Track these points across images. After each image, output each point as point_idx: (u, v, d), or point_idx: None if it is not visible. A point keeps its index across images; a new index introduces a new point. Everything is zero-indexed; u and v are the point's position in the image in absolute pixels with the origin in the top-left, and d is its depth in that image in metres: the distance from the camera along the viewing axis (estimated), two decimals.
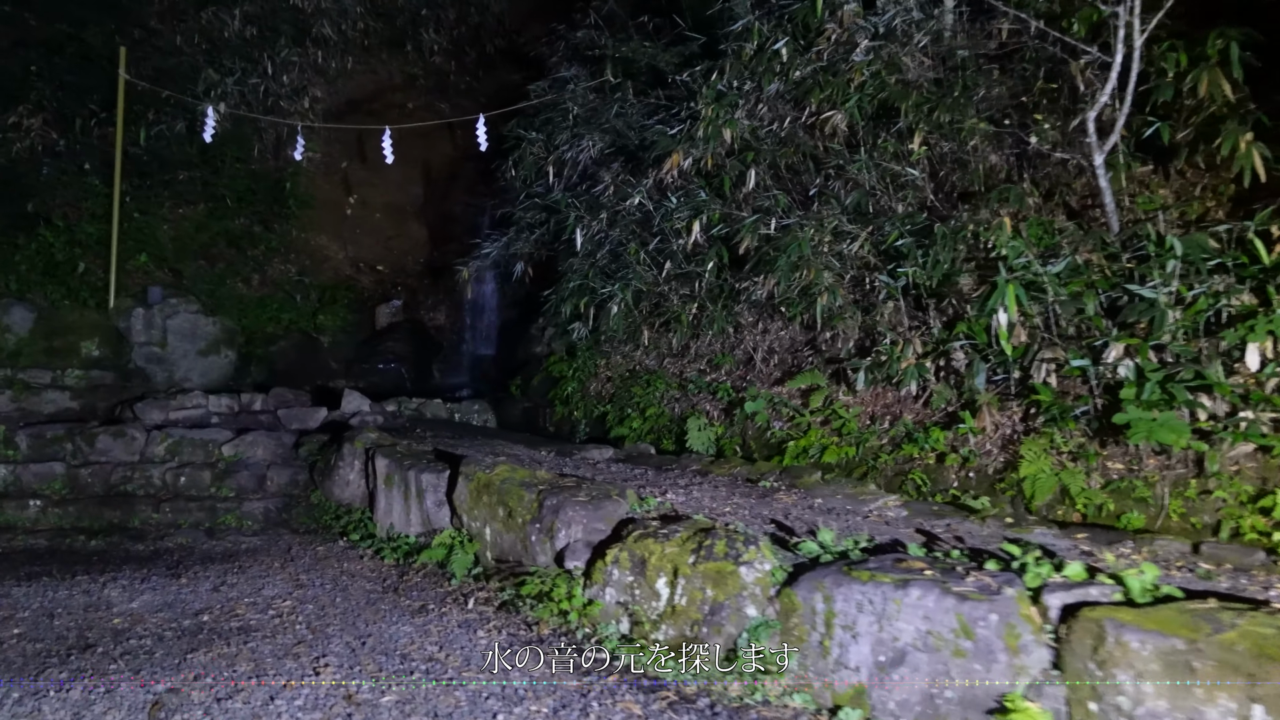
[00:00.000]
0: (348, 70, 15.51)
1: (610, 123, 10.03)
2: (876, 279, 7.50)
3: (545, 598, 4.65)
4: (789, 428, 7.80)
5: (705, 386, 8.79)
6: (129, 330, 10.89)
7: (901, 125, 7.47)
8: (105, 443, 7.82)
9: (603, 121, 10.13)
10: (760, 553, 4.09)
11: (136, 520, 7.12)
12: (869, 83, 7.51)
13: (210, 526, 7.05)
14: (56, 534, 6.84)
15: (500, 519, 5.41)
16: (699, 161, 8.30)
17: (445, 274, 14.03)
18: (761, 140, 8.18)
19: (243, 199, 13.09)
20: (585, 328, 10.04)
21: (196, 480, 7.51)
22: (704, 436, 8.23)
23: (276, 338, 12.07)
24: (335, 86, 15.40)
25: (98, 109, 12.87)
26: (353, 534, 6.58)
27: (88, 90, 13.05)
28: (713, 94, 8.12)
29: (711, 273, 8.18)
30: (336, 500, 7.12)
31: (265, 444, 7.87)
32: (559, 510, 4.99)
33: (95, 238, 11.80)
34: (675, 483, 6.14)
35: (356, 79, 15.82)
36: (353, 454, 7.04)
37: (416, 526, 6.23)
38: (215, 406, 9.27)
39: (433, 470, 6.14)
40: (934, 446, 6.70)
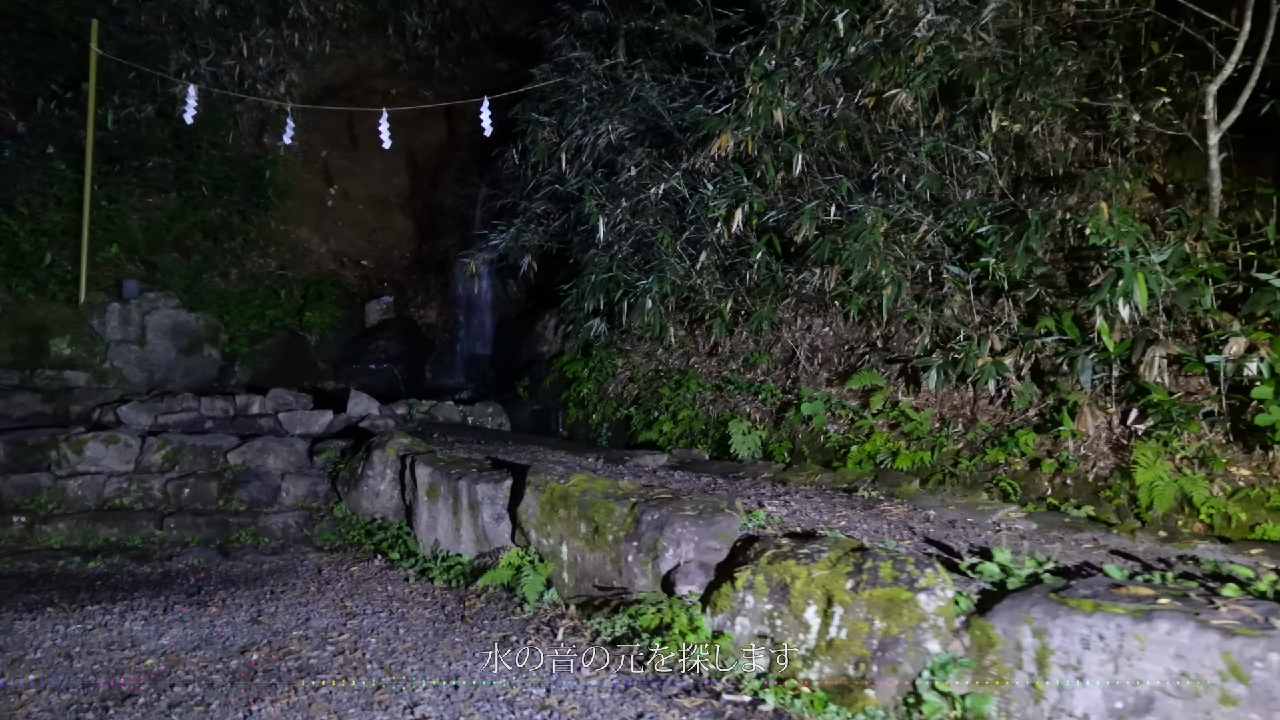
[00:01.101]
0: (325, 54, 14.69)
1: (629, 105, 9.39)
2: (945, 270, 6.99)
3: (663, 629, 4.02)
4: (848, 431, 7.25)
5: (746, 387, 8.20)
6: (103, 327, 10.02)
7: (971, 105, 6.97)
8: (95, 450, 7.01)
9: (621, 104, 9.49)
10: (940, 577, 3.51)
11: (137, 538, 6.34)
12: (935, 59, 6.99)
13: (223, 544, 6.29)
14: (47, 555, 6.05)
15: (582, 536, 4.77)
16: (739, 145, 7.71)
17: (435, 269, 13.32)
18: (812, 122, 7.63)
19: (220, 188, 12.23)
20: (604, 324, 9.41)
21: (202, 492, 6.74)
22: (749, 441, 7.65)
23: (262, 336, 11.25)
24: (312, 71, 14.58)
25: (60, 89, 11.95)
26: (391, 552, 5.88)
27: (49, 68, 12.12)
28: (760, 71, 7.54)
29: (761, 264, 7.59)
30: (365, 514, 6.41)
31: (276, 451, 7.12)
32: (664, 526, 4.37)
33: (62, 227, 10.90)
34: (760, 493, 5.55)
35: (335, 63, 15.00)
36: (384, 462, 6.33)
37: (469, 544, 5.56)
38: (209, 410, 8.47)
39: (488, 480, 5.48)
40: (1023, 451, 6.18)
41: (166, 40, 12.80)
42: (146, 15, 12.72)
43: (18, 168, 11.16)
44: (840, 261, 6.77)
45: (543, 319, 11.02)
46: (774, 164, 7.78)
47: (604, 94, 9.84)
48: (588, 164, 9.66)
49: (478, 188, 13.59)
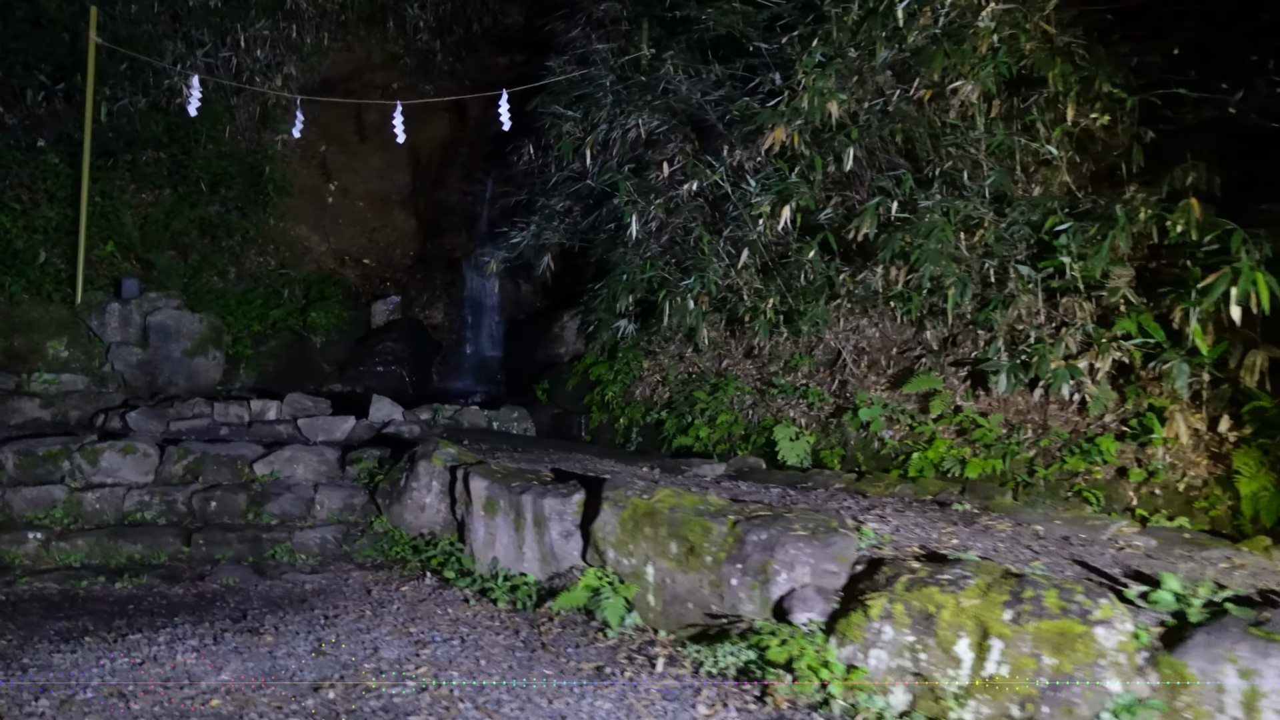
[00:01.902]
0: (323, 47, 14.19)
1: (659, 98, 9.03)
2: (1013, 269, 6.69)
3: (790, 662, 3.66)
4: (906, 437, 6.94)
5: (790, 391, 7.87)
6: (103, 329, 9.53)
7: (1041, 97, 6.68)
8: (112, 460, 6.56)
9: (651, 98, 9.13)
10: (1117, 608, 3.18)
11: (163, 555, 5.90)
12: (1002, 49, 6.69)
13: (257, 562, 5.87)
14: (67, 575, 5.59)
15: (672, 556, 4.41)
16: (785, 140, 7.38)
17: (441, 268, 12.89)
18: (867, 114, 7.31)
19: (219, 184, 11.73)
20: (631, 325, 9.05)
21: (229, 505, 6.30)
22: (797, 447, 7.32)
23: (266, 337, 10.78)
24: (310, 64, 14.07)
25: (49, 79, 11.41)
26: (445, 570, 5.48)
27: (38, 58, 11.58)
28: (812, 62, 7.20)
29: (816, 262, 7.25)
30: (409, 528, 6.00)
31: (306, 461, 6.69)
32: (774, 547, 4.01)
33: (54, 223, 10.39)
34: (843, 506, 5.21)
35: (332, 57, 14.51)
36: (430, 473, 5.93)
37: (533, 563, 5.18)
38: (222, 416, 8.01)
39: (556, 495, 5.10)
40: (1105, 458, 5.89)
41: (160, 31, 12.27)
42: (138, 4, 12.18)
43: (8, 161, 10.63)
44: (911, 261, 6.44)
45: (560, 320, 10.63)
46: (822, 159, 7.45)
47: (630, 86, 9.49)
48: (614, 159, 9.30)
49: (484, 184, 13.17)
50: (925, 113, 7.23)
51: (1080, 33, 6.69)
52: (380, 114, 14.28)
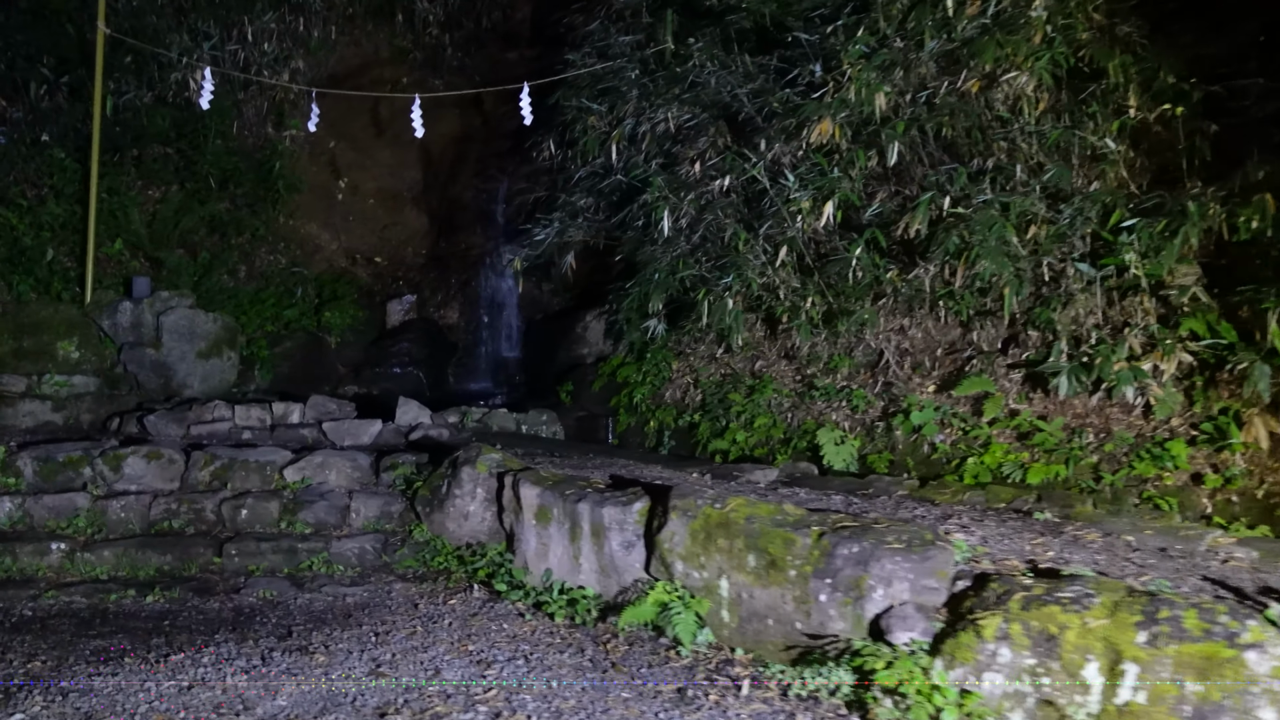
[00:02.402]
0: (330, 41, 13.88)
1: (688, 91, 8.78)
2: (1071, 267, 6.46)
3: (896, 687, 3.41)
4: (960, 441, 6.70)
5: (833, 393, 7.63)
6: (114, 329, 9.22)
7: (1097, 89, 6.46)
8: (136, 467, 6.28)
9: (680, 90, 8.88)
10: (1267, 630, 2.95)
11: (194, 566, 5.62)
12: (1058, 39, 6.47)
13: (293, 573, 5.59)
14: (95, 588, 5.31)
15: (750, 570, 4.16)
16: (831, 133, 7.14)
17: (456, 266, 12.61)
18: (913, 107, 7.08)
19: (228, 180, 11.44)
20: (661, 325, 8.79)
21: (261, 513, 6.03)
22: (843, 452, 7.09)
23: (281, 338, 10.49)
24: (317, 59, 13.77)
25: (52, 72, 11.12)
26: (495, 582, 5.21)
27: (41, 50, 11.30)
28: (858, 53, 6.97)
29: (864, 259, 7.01)
30: (452, 538, 5.74)
31: (338, 466, 6.42)
32: (868, 561, 3.77)
33: (61, 220, 10.11)
34: (914, 514, 4.96)
35: (339, 51, 14.22)
36: (474, 480, 5.67)
37: (590, 575, 4.92)
38: (244, 419, 7.73)
39: (615, 503, 4.84)
40: (1176, 464, 5.67)
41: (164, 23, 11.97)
42: None
43: (13, 157, 10.34)
44: (968, 258, 6.20)
45: (583, 320, 10.37)
46: (864, 153, 7.21)
47: (656, 79, 9.25)
48: (643, 154, 9.05)
49: (499, 181, 12.91)
50: (974, 105, 6.99)
51: (1140, 22, 6.46)
52: (389, 109, 14.04)
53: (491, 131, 13.71)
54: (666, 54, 9.42)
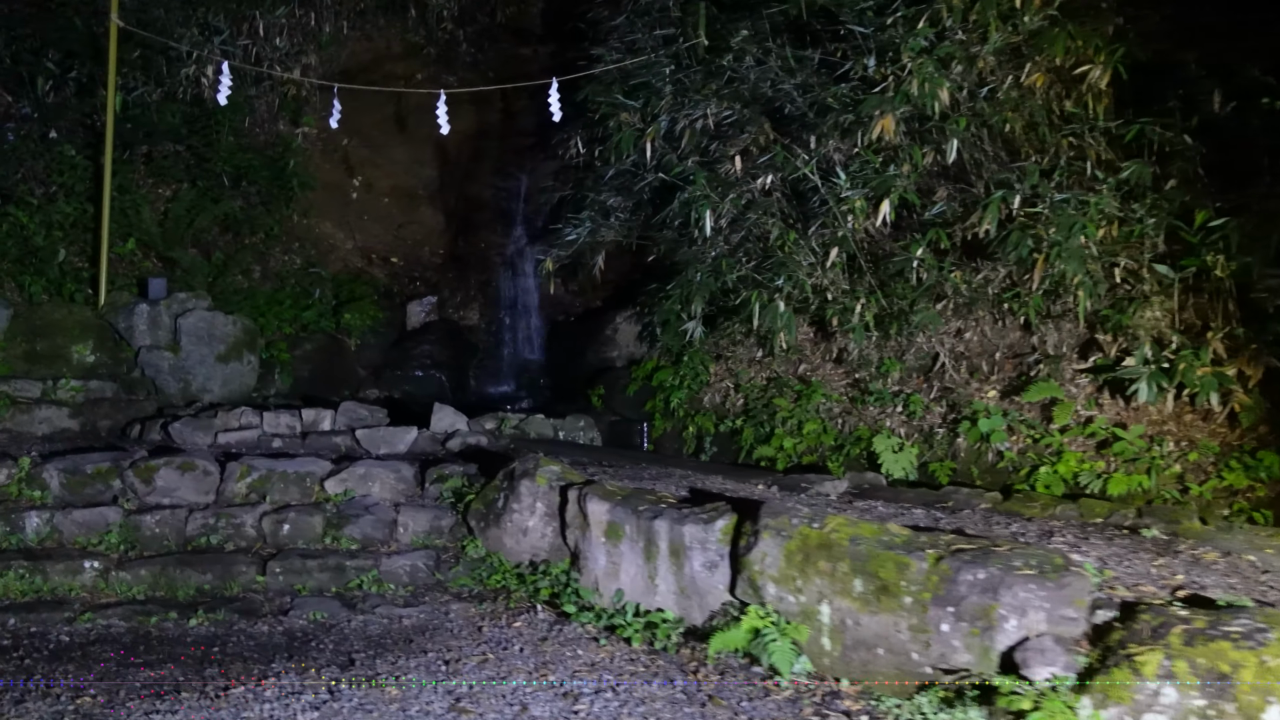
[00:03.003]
0: (342, 36, 13.55)
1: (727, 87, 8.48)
2: (1148, 267, 6.20)
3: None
4: (1030, 450, 6.43)
5: (888, 398, 7.35)
6: (130, 331, 8.88)
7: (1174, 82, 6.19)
8: (169, 479, 5.95)
9: (719, 85, 8.59)
10: None
11: (236, 586, 5.30)
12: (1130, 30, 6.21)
13: (342, 593, 5.28)
14: (133, 610, 4.99)
15: (856, 595, 3.87)
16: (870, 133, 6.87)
17: (475, 266, 12.28)
18: (975, 102, 6.81)
19: (243, 177, 11.10)
20: (700, 327, 8.49)
21: (304, 528, 5.71)
22: (902, 460, 6.80)
23: (300, 340, 10.16)
24: (328, 54, 13.44)
25: (57, 67, 10.78)
26: (562, 603, 4.91)
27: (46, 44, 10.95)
28: (918, 46, 6.69)
29: (929, 260, 6.73)
30: (509, 554, 5.43)
31: (381, 478, 6.10)
32: (998, 588, 3.48)
33: (72, 219, 9.76)
34: (1010, 531, 4.68)
35: (350, 46, 13.88)
36: (533, 493, 5.36)
37: (668, 597, 4.63)
38: (273, 426, 7.41)
39: (696, 521, 4.55)
40: (1271, 474, 5.40)
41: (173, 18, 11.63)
42: None
43: (22, 153, 9.98)
44: (1049, 258, 5.92)
45: (613, 321, 10.07)
46: (920, 150, 6.94)
47: (692, 74, 8.96)
48: (682, 150, 8.75)
49: (518, 179, 12.60)
50: (1038, 100, 6.72)
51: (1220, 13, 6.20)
52: (403, 105, 13.72)
53: (509, 128, 13.41)
54: (699, 49, 9.16)
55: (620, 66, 9.69)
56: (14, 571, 5.24)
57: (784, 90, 8.02)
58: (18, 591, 5.19)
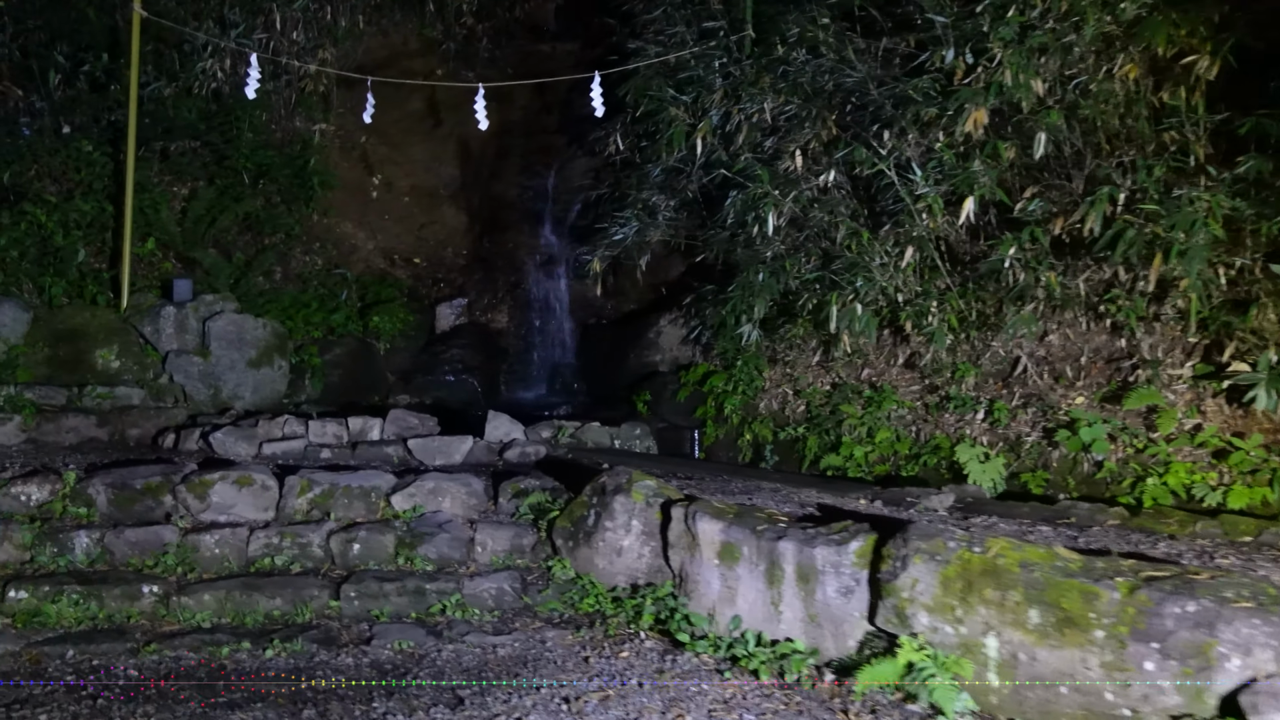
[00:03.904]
0: (358, 31, 13.13)
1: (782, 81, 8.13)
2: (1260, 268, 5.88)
3: None
4: (1132, 460, 6.10)
5: (967, 405, 7.01)
6: (156, 335, 8.45)
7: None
8: (225, 494, 5.54)
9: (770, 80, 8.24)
10: None
11: (308, 611, 4.89)
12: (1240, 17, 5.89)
13: (423, 619, 4.88)
14: (200, 639, 4.57)
15: (1032, 627, 3.52)
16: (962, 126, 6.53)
17: (503, 267, 11.89)
18: (1067, 94, 6.48)
19: (264, 175, 10.68)
20: (757, 331, 8.12)
21: (375, 548, 5.30)
22: (990, 470, 6.46)
23: (329, 344, 9.74)
24: (343, 49, 13.03)
25: (67, 59, 10.37)
26: (674, 631, 4.54)
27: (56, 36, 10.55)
28: (1009, 35, 6.36)
29: (1031, 261, 6.40)
30: (602, 576, 5.04)
31: (452, 492, 5.70)
32: (1214, 623, 3.13)
33: (90, 218, 9.32)
34: (1167, 553, 4.34)
35: (366, 41, 13.47)
36: (628, 510, 4.98)
37: (795, 625, 4.26)
38: (319, 436, 7.01)
39: (828, 542, 4.18)
40: None
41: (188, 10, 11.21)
42: None
43: (38, 149, 9.54)
44: (1168, 257, 5.59)
45: (656, 324, 9.70)
46: (1004, 145, 6.61)
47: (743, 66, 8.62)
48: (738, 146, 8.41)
49: (544, 178, 12.22)
50: (1134, 92, 6.40)
51: None
52: (422, 102, 13.33)
53: (532, 126, 13.05)
54: (746, 41, 8.83)
55: (663, 60, 9.37)
56: (67, 597, 4.83)
57: (847, 83, 7.69)
58: (72, 619, 4.78)
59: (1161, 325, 6.47)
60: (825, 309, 7.04)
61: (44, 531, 5.26)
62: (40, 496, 5.51)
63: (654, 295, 10.50)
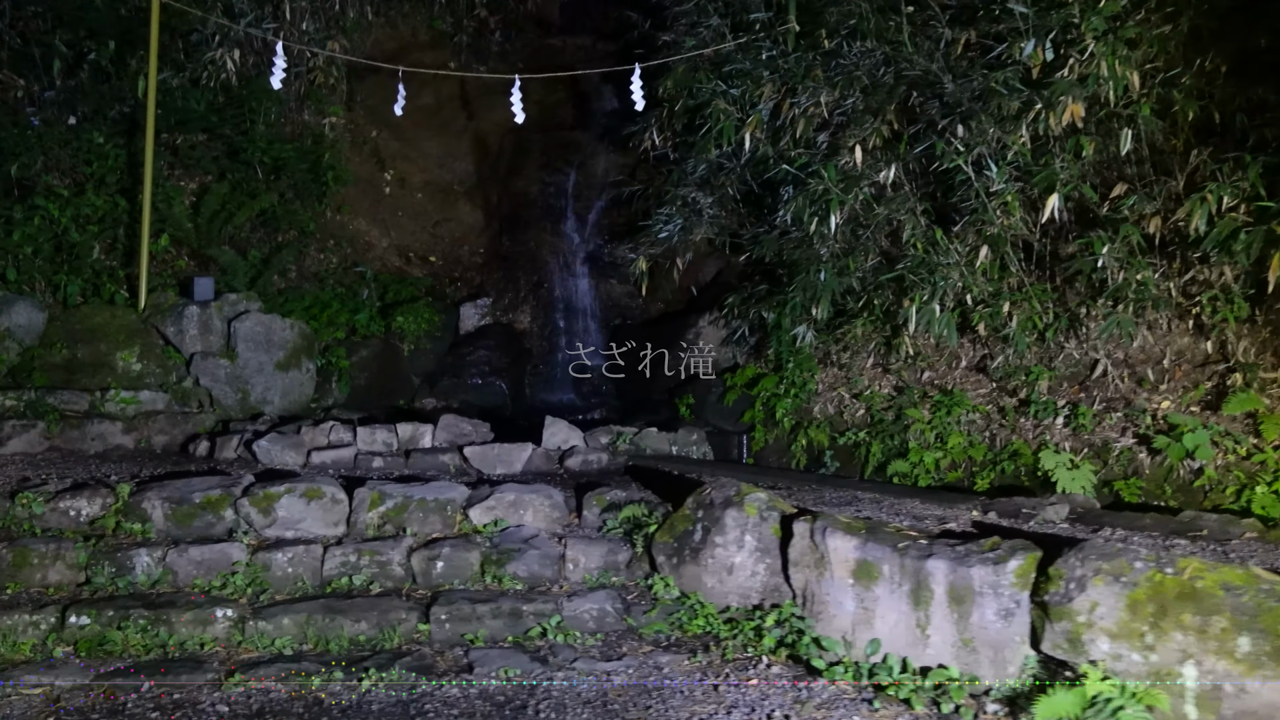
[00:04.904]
0: (367, 22, 12.72)
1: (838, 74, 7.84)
2: None
3: None
4: (1235, 467, 5.86)
5: (1049, 409, 6.75)
6: (180, 336, 8.01)
7: None
8: (292, 508, 5.15)
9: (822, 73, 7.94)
10: None
11: (396, 637, 4.52)
12: None
13: (521, 643, 4.52)
14: (285, 668, 4.18)
15: (1242, 656, 3.23)
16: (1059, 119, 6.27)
17: (524, 266, 11.49)
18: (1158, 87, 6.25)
19: (280, 170, 10.24)
20: (811, 332, 7.83)
21: (459, 566, 4.93)
22: (1080, 477, 6.19)
23: (355, 345, 9.32)
24: (352, 41, 12.60)
25: (69, 48, 9.92)
26: (805, 656, 4.21)
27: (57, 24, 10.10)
28: (1100, 27, 6.10)
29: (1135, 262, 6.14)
30: (711, 595, 4.71)
31: (534, 505, 5.34)
32: None
33: (102, 212, 8.86)
34: None
35: (375, 34, 13.06)
36: (740, 525, 4.65)
37: (946, 650, 3.95)
38: (368, 443, 6.63)
39: (982, 561, 3.88)
40: None
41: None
42: None
43: (48, 141, 9.06)
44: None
45: (695, 325, 9.37)
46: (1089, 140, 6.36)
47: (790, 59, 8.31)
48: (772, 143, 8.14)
49: (565, 175, 11.87)
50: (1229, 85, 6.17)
51: None
52: (434, 96, 12.94)
53: (548, 121, 12.66)
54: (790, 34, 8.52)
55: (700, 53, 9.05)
56: (133, 623, 4.42)
57: (910, 76, 7.41)
58: (140, 647, 4.37)
59: (1252, 328, 6.25)
60: (902, 310, 6.73)
61: (99, 550, 4.84)
62: (91, 511, 5.10)
63: (686, 296, 10.19)
